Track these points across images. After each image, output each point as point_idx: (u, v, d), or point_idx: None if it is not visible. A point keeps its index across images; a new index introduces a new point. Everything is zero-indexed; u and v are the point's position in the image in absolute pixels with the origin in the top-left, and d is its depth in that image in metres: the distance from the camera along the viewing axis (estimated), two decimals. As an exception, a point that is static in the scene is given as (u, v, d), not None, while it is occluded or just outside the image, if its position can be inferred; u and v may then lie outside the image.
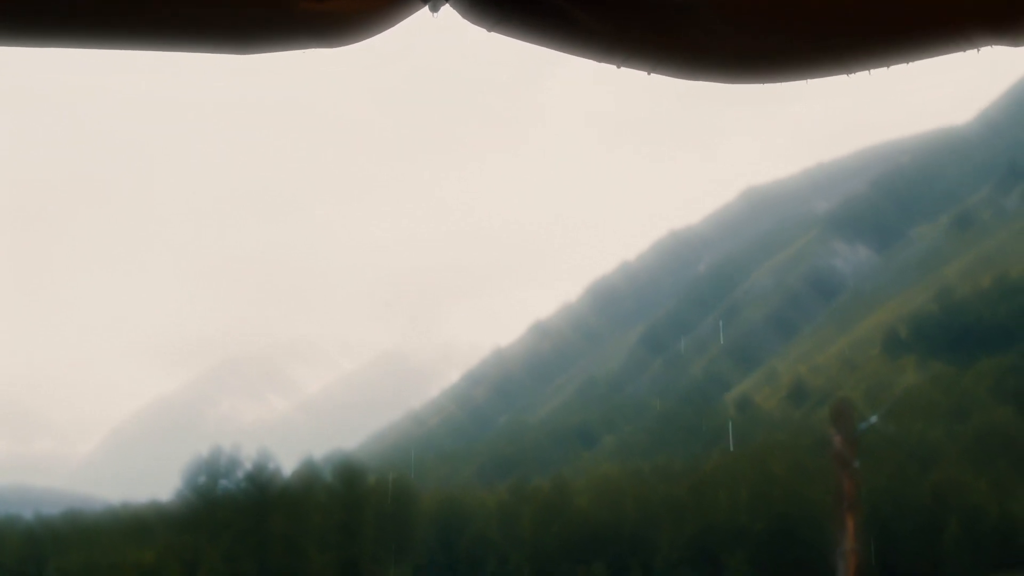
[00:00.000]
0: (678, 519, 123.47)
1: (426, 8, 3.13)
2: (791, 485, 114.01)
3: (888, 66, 3.50)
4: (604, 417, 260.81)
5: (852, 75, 3.54)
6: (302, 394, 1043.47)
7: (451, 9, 3.16)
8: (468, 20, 3.31)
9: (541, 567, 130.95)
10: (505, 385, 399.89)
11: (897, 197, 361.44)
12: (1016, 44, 3.47)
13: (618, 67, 3.48)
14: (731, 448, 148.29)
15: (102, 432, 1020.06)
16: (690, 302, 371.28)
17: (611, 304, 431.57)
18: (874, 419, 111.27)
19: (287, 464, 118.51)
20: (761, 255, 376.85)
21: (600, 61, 3.43)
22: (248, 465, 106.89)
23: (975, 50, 3.42)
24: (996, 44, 3.43)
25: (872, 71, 3.52)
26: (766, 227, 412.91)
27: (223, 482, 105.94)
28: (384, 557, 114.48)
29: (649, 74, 3.45)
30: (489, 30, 3.30)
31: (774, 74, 3.50)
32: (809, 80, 3.49)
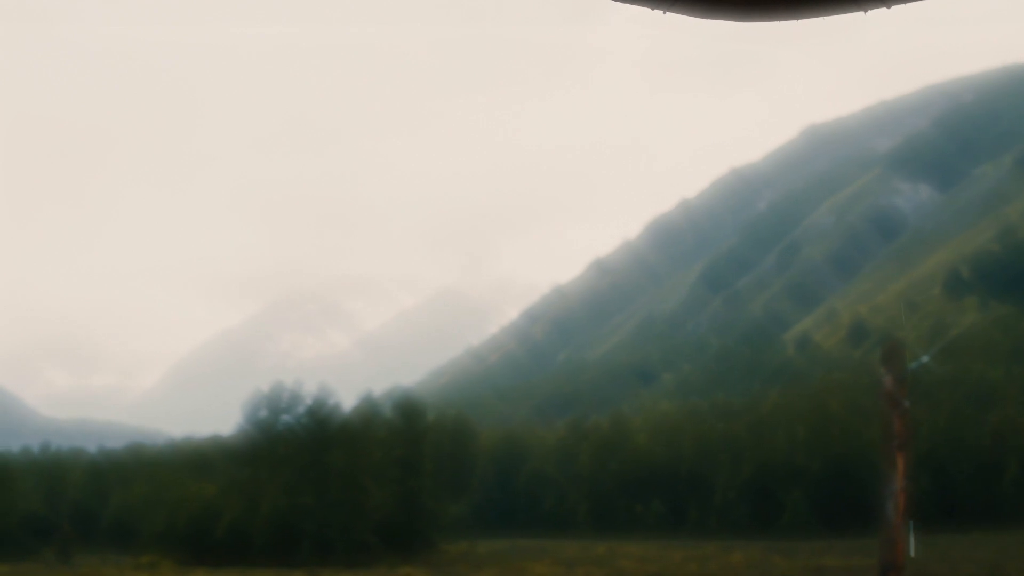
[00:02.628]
0: (736, 457, 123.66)
1: None
2: (849, 425, 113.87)
3: (904, 2, 3.46)
4: (662, 355, 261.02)
5: (868, 12, 3.51)
6: (361, 330, 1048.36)
7: None
8: None
9: (598, 504, 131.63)
10: (564, 322, 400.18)
11: (960, 135, 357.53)
12: None
13: (664, 12, 3.46)
14: (789, 387, 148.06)
15: (164, 366, 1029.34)
16: (750, 240, 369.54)
17: (670, 242, 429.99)
18: (926, 359, 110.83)
19: (347, 400, 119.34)
20: (821, 193, 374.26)
21: (616, 0, 3.39)
22: (308, 400, 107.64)
23: None
24: None
25: (890, 6, 3.49)
26: (826, 165, 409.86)
27: (284, 417, 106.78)
28: (443, 492, 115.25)
29: (665, 13, 3.43)
30: None
31: (788, 12, 3.47)
32: (824, 16, 3.47)
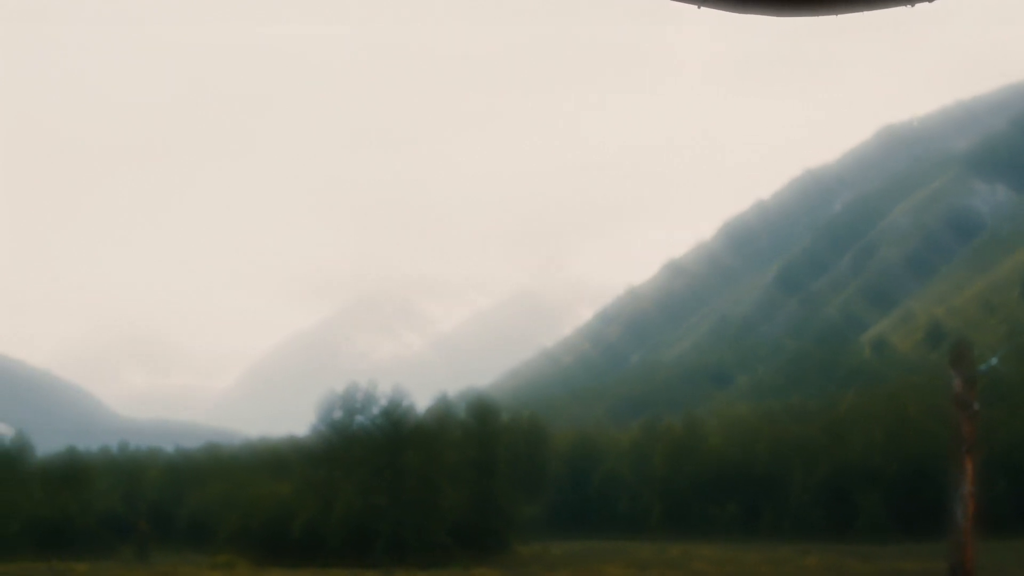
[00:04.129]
0: (811, 460, 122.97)
1: None
2: (926, 428, 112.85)
3: None
4: (737, 357, 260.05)
5: (914, 5, 3.48)
6: (436, 331, 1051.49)
7: None
8: None
9: (672, 506, 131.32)
10: (638, 323, 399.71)
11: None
12: None
13: (698, 7, 3.45)
14: (866, 389, 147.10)
15: (241, 367, 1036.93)
16: (825, 241, 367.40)
17: (745, 243, 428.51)
18: (995, 361, 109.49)
19: (421, 400, 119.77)
20: (897, 194, 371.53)
21: None
22: (383, 401, 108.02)
23: None
24: None
25: (931, 0, 3.46)
26: (903, 165, 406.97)
27: (359, 418, 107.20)
28: (517, 493, 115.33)
29: (699, 7, 3.41)
30: None
31: (824, 7, 3.42)
32: (869, 12, 3.43)
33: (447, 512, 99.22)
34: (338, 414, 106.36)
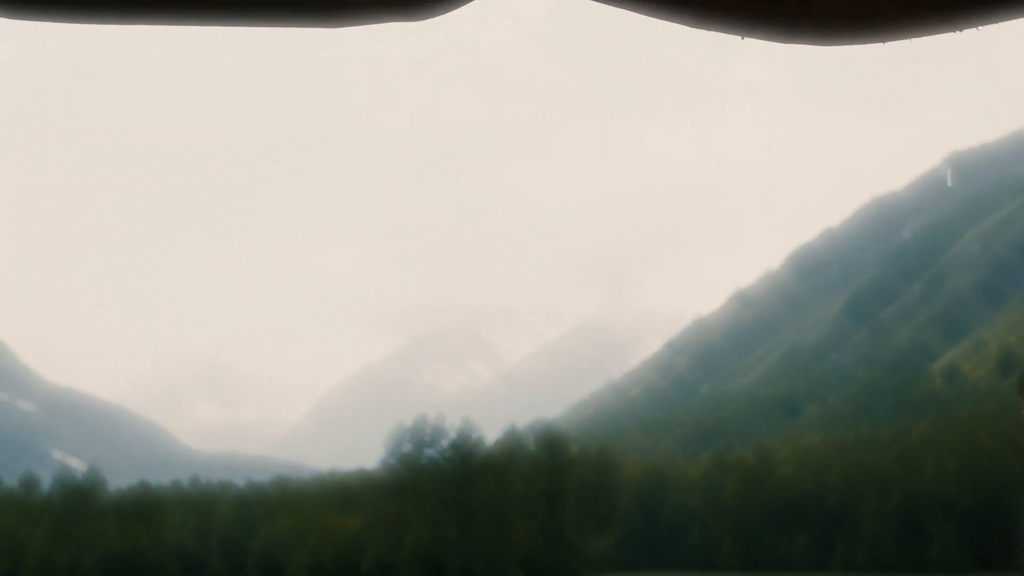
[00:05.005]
0: (883, 490, 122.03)
1: None
2: (999, 456, 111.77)
3: (999, 21, 3.46)
4: (807, 387, 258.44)
5: (960, 31, 3.50)
6: (504, 363, 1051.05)
7: None
8: None
9: (744, 537, 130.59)
10: (706, 354, 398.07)
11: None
12: None
13: (742, 37, 3.49)
14: (938, 419, 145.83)
15: (310, 401, 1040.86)
16: (894, 269, 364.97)
17: (814, 272, 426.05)
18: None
19: (490, 433, 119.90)
20: (968, 221, 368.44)
21: (691, 26, 3.40)
22: (452, 434, 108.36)
23: None
24: None
25: (979, 27, 3.48)
26: (972, 192, 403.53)
27: (428, 451, 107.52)
28: (587, 525, 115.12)
29: (743, 38, 3.43)
30: None
31: (868, 35, 3.46)
32: (906, 39, 3.46)
33: (517, 545, 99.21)
34: (407, 447, 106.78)
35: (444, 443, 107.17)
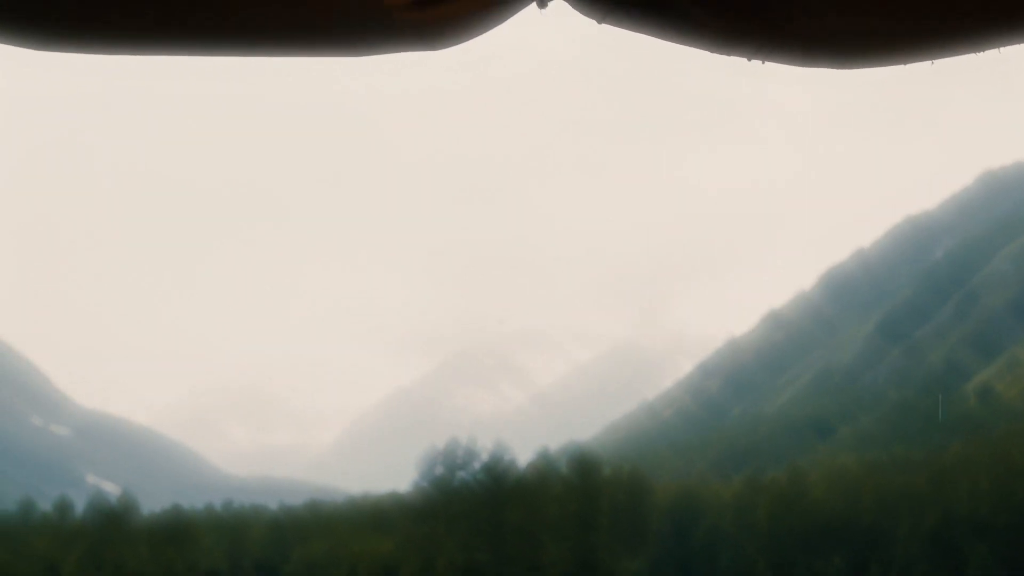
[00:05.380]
0: (917, 512, 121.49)
1: (534, 4, 3.14)
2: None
3: (1010, 44, 3.46)
4: (840, 408, 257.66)
5: (980, 54, 3.51)
6: (536, 385, 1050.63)
7: (560, 3, 3.17)
8: (578, 12, 3.33)
9: (777, 560, 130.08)
10: (739, 376, 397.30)
11: None
12: None
13: (749, 59, 3.50)
14: (972, 438, 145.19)
15: (342, 423, 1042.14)
16: (927, 289, 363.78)
17: (846, 292, 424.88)
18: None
19: (522, 455, 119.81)
20: (1000, 240, 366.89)
21: (711, 52, 3.41)
22: (484, 456, 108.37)
23: None
24: None
25: (1000, 48, 3.48)
26: (1005, 211, 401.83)
27: (460, 473, 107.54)
28: (619, 548, 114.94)
29: (763, 62, 3.44)
30: (599, 22, 3.31)
31: (889, 57, 3.46)
32: (933, 61, 3.46)
33: (549, 567, 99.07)
34: (440, 470, 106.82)
35: (476, 465, 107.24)
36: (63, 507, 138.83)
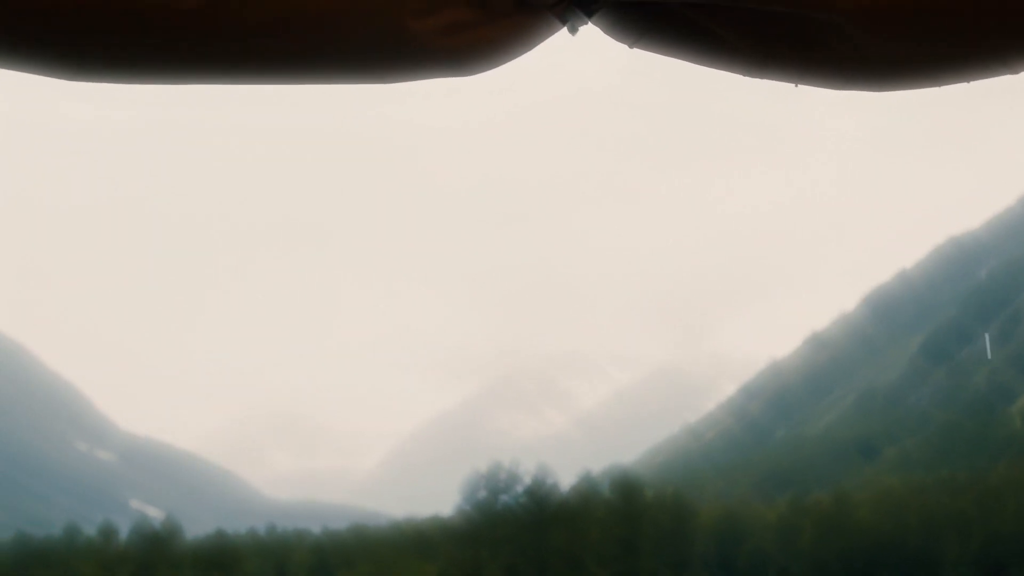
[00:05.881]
0: (964, 533, 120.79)
1: (564, 29, 3.13)
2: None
3: None
4: (884, 429, 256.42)
5: (1016, 73, 3.49)
6: (578, 408, 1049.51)
7: (591, 27, 3.16)
8: (609, 37, 3.34)
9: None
10: (782, 398, 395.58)
11: None
12: None
13: (783, 82, 3.48)
14: (1017, 460, 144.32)
15: (385, 447, 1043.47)
16: (971, 310, 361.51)
17: (889, 313, 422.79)
18: None
19: (565, 479, 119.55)
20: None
21: (744, 75, 3.39)
22: (527, 480, 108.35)
23: None
24: None
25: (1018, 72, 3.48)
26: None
27: (503, 497, 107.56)
28: (663, 571, 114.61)
29: (796, 86, 3.42)
30: (631, 47, 3.33)
31: (924, 79, 3.43)
32: (969, 81, 3.45)
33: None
34: (482, 494, 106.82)
35: (519, 489, 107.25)
36: (107, 532, 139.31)
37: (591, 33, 3.19)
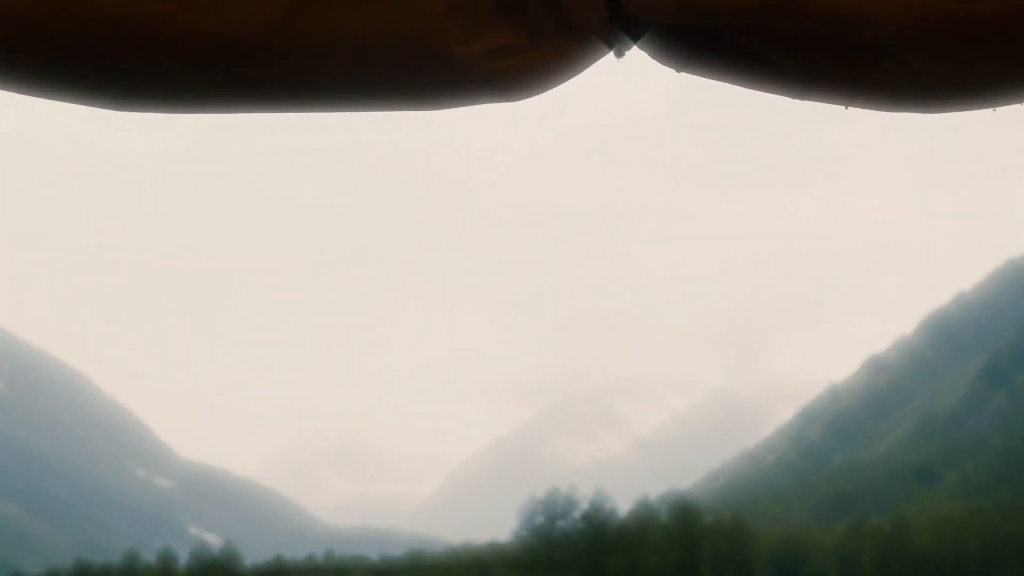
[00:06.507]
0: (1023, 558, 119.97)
1: (611, 53, 3.12)
2: None
3: None
4: (944, 454, 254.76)
5: None
6: (635, 434, 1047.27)
7: (638, 51, 3.12)
8: (656, 61, 3.56)
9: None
10: (840, 422, 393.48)
11: None
12: None
13: (832, 104, 3.46)
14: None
15: (442, 473, 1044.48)
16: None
17: (948, 336, 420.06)
18: None
19: (623, 504, 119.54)
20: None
21: (793, 98, 3.36)
22: (584, 505, 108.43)
23: None
24: None
25: None
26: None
27: (560, 523, 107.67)
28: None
29: (847, 108, 3.39)
30: (678, 71, 3.56)
31: (976, 100, 3.39)
32: (1018, 103, 3.40)
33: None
34: (540, 520, 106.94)
35: (576, 515, 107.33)
36: (167, 559, 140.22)
37: (638, 57, 3.17)
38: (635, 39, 3.50)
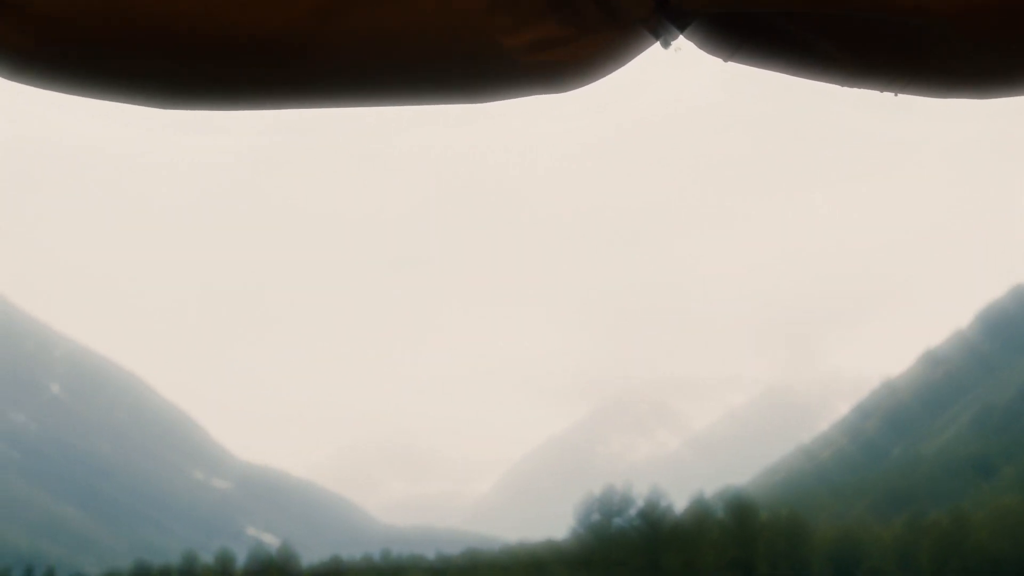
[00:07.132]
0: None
1: (657, 44, 3.39)
2: None
3: None
4: (1002, 447, 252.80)
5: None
6: (690, 430, 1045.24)
7: (685, 41, 3.09)
8: (704, 51, 3.55)
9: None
10: (896, 416, 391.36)
11: None
12: None
13: (882, 92, 3.40)
14: None
15: (497, 472, 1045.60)
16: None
17: (1004, 329, 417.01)
18: None
19: (679, 501, 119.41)
20: None
21: (842, 85, 3.32)
22: (640, 502, 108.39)
23: None
24: None
25: None
26: None
27: (617, 520, 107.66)
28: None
29: (897, 95, 3.34)
30: (725, 60, 3.53)
31: None
32: None
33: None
34: (596, 517, 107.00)
35: (632, 512, 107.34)
36: (225, 559, 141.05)
37: (686, 47, 3.12)
38: (681, 29, 3.46)
